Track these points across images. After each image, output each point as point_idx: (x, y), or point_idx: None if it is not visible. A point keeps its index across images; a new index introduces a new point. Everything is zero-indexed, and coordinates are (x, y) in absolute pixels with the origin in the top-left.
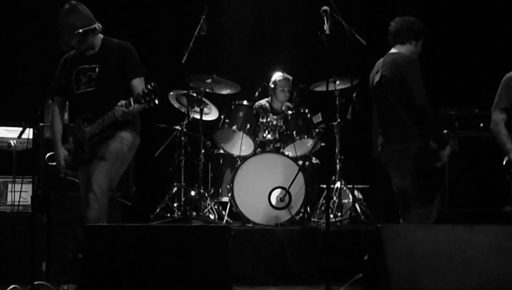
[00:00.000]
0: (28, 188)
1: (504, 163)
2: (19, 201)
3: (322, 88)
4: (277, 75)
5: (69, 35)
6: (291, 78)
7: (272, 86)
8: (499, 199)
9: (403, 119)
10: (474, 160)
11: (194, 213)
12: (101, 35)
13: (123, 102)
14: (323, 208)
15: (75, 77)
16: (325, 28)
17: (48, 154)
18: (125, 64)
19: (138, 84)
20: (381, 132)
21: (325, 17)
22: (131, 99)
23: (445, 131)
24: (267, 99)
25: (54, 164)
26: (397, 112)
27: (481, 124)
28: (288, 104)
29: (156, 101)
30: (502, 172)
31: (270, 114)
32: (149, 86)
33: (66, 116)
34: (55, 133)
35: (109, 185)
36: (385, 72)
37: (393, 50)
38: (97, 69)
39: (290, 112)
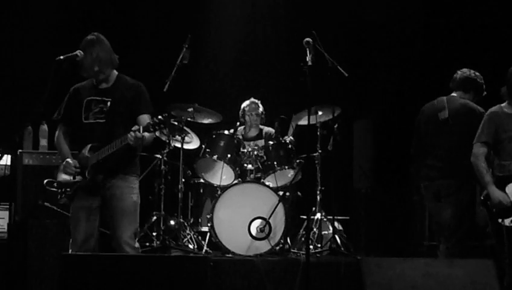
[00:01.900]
0: (4, 215)
1: (482, 197)
2: None
3: (303, 122)
4: (245, 102)
5: (91, 63)
6: (258, 101)
7: (241, 113)
8: (479, 233)
9: (465, 157)
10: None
11: (173, 242)
12: (115, 72)
13: (136, 127)
14: (303, 239)
15: (86, 107)
16: (307, 60)
17: (46, 180)
18: (136, 101)
19: (146, 118)
20: (435, 166)
21: (307, 49)
22: (141, 127)
23: None
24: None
25: (54, 189)
26: (460, 150)
27: None
28: (270, 129)
29: (165, 132)
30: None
31: (251, 143)
32: (160, 117)
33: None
34: (64, 150)
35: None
36: (457, 113)
37: (456, 94)
38: (109, 103)
39: (271, 142)
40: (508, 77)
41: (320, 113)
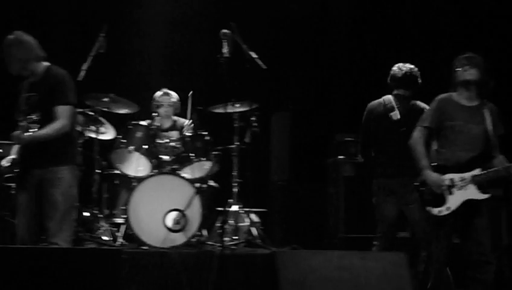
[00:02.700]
0: None
1: (418, 181)
2: None
3: (220, 110)
4: (157, 93)
5: (12, 63)
6: (171, 92)
7: (154, 104)
8: None
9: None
10: (369, 185)
11: (88, 235)
12: (46, 64)
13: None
14: (219, 231)
15: (20, 104)
16: (224, 51)
17: None
18: (53, 91)
19: (58, 111)
20: (391, 164)
21: (224, 40)
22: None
23: (341, 157)
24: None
25: None
26: None
27: None
28: (187, 121)
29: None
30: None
31: (165, 133)
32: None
33: None
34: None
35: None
36: (409, 114)
37: (399, 92)
38: (33, 98)
39: (188, 134)
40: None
41: (237, 104)
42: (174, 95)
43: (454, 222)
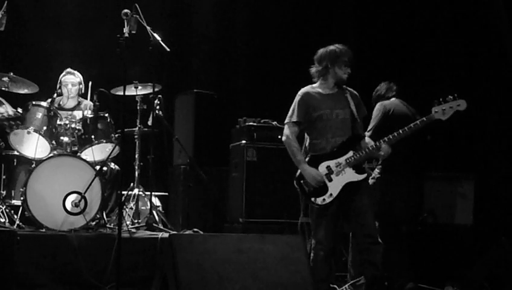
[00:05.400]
0: None
1: (297, 175)
2: None
3: (122, 92)
4: (62, 73)
5: None
6: (75, 72)
7: (58, 84)
8: (294, 210)
9: None
10: (271, 171)
11: None
12: None
13: None
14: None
15: None
16: (124, 32)
17: None
18: None
19: None
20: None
21: (125, 20)
22: None
23: (244, 141)
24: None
25: None
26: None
27: (279, 136)
28: (88, 102)
29: None
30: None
31: (68, 114)
32: None
33: None
34: None
35: None
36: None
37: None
38: None
39: (89, 116)
40: (319, 58)
41: (140, 87)
42: (77, 75)
43: (338, 207)
